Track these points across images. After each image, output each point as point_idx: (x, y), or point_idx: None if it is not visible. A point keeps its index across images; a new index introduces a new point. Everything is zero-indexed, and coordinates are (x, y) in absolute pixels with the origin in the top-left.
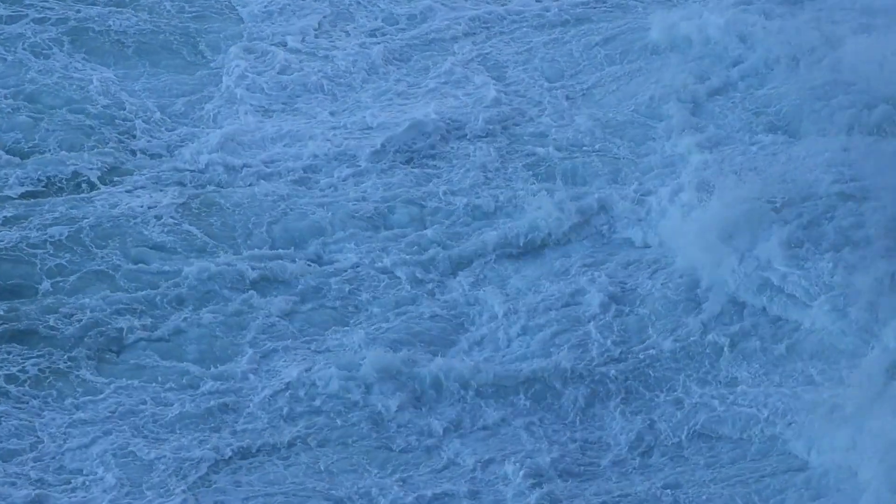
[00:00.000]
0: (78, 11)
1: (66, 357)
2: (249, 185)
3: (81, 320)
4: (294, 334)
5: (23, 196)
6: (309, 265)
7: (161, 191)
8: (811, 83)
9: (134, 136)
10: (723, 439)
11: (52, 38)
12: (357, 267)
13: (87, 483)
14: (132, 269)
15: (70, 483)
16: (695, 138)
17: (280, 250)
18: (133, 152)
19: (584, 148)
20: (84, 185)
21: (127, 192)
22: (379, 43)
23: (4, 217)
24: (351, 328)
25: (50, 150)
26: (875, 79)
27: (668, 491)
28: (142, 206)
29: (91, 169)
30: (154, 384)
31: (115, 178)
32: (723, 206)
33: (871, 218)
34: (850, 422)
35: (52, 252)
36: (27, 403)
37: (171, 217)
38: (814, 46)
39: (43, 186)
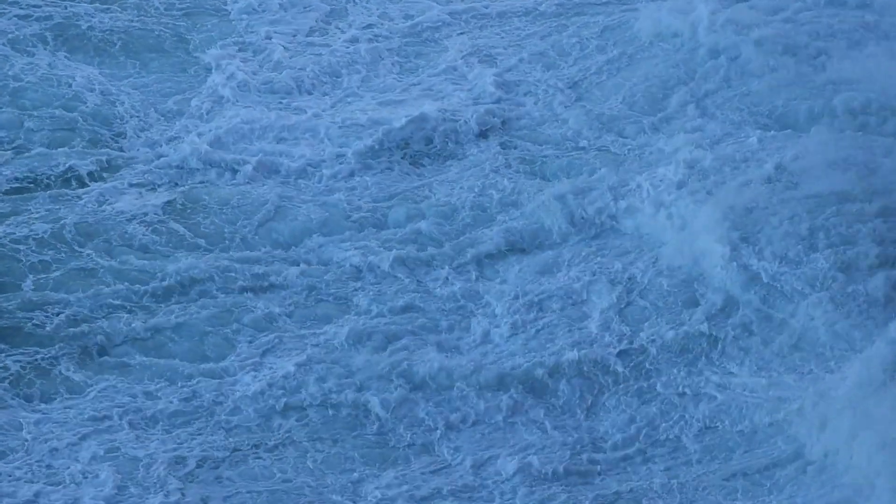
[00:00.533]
0: (64, 9)
1: (49, 354)
2: (242, 183)
3: (65, 317)
4: (287, 330)
5: (7, 192)
6: (305, 263)
7: (150, 189)
8: (810, 81)
9: (122, 134)
10: (724, 431)
11: (35, 34)
12: (353, 264)
13: (78, 480)
14: (118, 266)
15: (59, 478)
16: (692, 134)
17: (273, 249)
18: (122, 150)
19: (581, 142)
20: (72, 182)
21: (115, 189)
22: (373, 39)
23: None
24: (346, 324)
25: (35, 147)
26: (875, 77)
27: (670, 483)
28: (130, 204)
29: (78, 166)
30: (143, 381)
31: (103, 176)
32: (720, 202)
33: (870, 217)
34: (850, 413)
35: (35, 248)
36: (8, 402)
37: (160, 215)
38: (813, 43)
39: (29, 183)
